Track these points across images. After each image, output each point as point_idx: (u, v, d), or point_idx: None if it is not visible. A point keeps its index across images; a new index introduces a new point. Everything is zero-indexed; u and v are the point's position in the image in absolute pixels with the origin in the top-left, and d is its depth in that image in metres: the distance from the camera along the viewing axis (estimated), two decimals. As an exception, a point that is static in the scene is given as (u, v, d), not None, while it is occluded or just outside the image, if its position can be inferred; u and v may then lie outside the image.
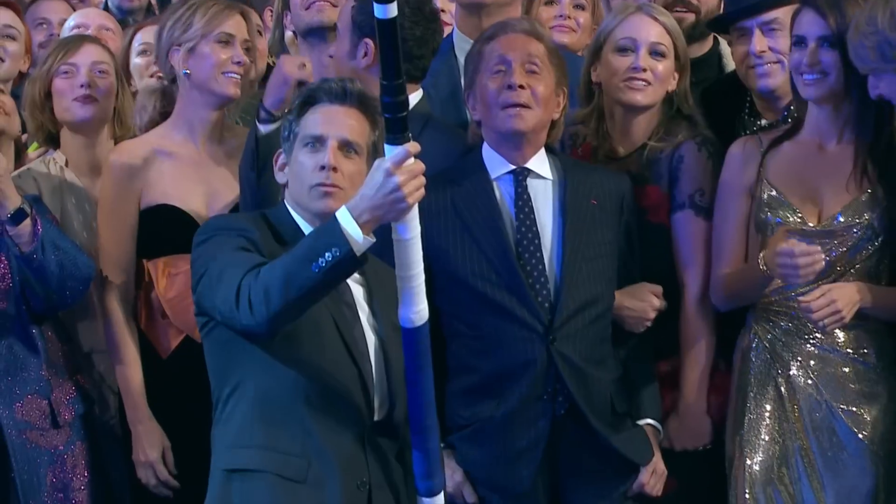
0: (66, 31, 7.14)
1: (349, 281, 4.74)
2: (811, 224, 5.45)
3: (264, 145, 5.23)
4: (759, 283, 5.42)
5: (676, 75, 5.79)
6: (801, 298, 5.26)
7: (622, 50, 5.78)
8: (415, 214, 4.43)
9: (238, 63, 5.82)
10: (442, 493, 4.88)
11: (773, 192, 5.53)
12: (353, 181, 4.58)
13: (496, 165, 5.42)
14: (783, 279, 5.29)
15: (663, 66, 5.74)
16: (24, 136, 6.59)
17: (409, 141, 4.32)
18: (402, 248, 4.45)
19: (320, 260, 4.32)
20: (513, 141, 5.36)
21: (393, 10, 4.18)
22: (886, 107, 5.36)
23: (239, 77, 5.85)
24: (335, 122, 4.70)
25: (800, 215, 5.48)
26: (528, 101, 5.28)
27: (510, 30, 5.49)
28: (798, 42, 5.40)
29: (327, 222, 4.45)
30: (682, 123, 5.81)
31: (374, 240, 4.38)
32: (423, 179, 4.38)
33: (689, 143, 5.69)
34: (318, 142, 4.67)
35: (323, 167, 4.59)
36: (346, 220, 4.34)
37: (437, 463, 4.83)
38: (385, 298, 4.81)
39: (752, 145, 5.64)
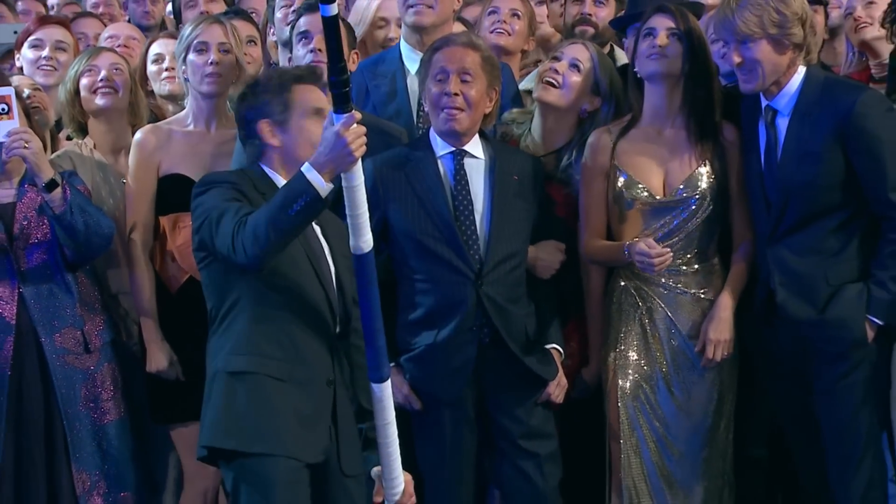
0: (102, 40, 7.39)
1: (314, 228, 5.29)
2: (658, 197, 5.89)
3: None
4: (621, 260, 5.86)
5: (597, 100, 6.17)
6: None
7: (554, 59, 6.22)
8: (359, 166, 4.90)
9: (211, 64, 6.23)
10: (389, 381, 5.17)
11: (626, 176, 5.90)
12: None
13: (440, 146, 5.87)
14: (642, 271, 5.82)
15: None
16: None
17: (352, 110, 4.83)
18: (350, 193, 4.92)
19: (295, 205, 4.89)
20: (451, 135, 5.84)
21: (334, 10, 4.71)
22: (710, 95, 5.85)
23: (215, 76, 6.26)
24: (321, 99, 5.26)
25: (648, 191, 5.89)
26: (461, 105, 5.74)
27: (451, 43, 5.89)
28: (648, 34, 5.84)
29: (294, 176, 4.97)
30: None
31: (333, 186, 4.92)
32: (364, 139, 4.88)
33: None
34: (319, 113, 5.22)
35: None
36: (310, 172, 4.90)
37: (384, 357, 5.18)
38: (336, 237, 5.33)
39: (606, 136, 5.99)
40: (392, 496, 5.31)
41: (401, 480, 5.32)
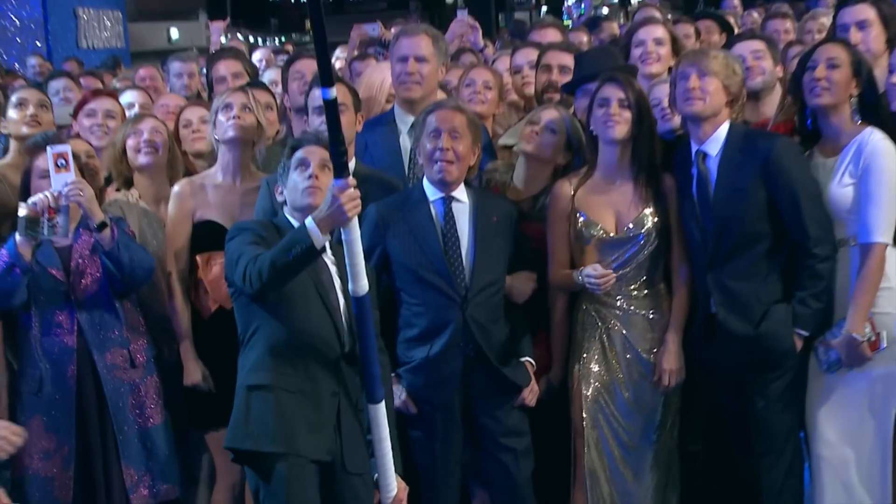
0: (157, 108, 7.38)
1: (327, 262, 5.30)
2: (611, 234, 5.77)
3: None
4: (577, 285, 5.76)
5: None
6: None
7: (533, 122, 6.13)
8: (355, 223, 4.95)
9: (234, 117, 6.13)
10: (383, 402, 5.17)
11: (585, 217, 5.80)
12: (326, 184, 5.09)
13: (432, 193, 5.77)
14: (592, 291, 5.74)
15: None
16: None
17: (348, 177, 4.90)
18: (348, 246, 4.97)
19: (293, 251, 4.97)
20: (442, 184, 5.75)
21: (333, 93, 4.77)
22: (653, 151, 5.79)
23: (237, 127, 6.13)
24: (314, 154, 5.27)
25: (603, 229, 5.77)
26: (451, 158, 5.66)
27: (443, 107, 5.81)
28: (602, 104, 5.71)
29: (299, 227, 5.07)
30: None
31: (330, 237, 5.08)
32: (358, 202, 4.92)
33: None
34: (303, 164, 5.29)
35: (309, 177, 5.22)
36: (310, 225, 4.97)
37: (378, 382, 5.16)
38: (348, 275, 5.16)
39: (567, 185, 5.88)
40: (386, 498, 5.31)
41: (394, 486, 5.32)
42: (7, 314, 5.93)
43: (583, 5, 26.55)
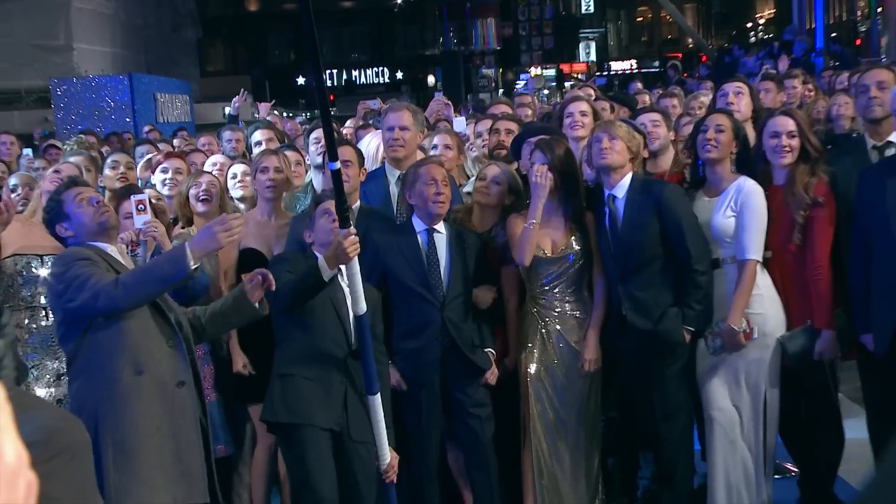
0: (209, 166, 7.26)
1: (342, 284, 5.23)
2: (549, 254, 5.74)
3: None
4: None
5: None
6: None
7: (482, 178, 6.13)
8: (355, 260, 4.93)
9: (269, 181, 6.15)
10: (379, 395, 5.12)
11: None
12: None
13: (419, 226, 5.77)
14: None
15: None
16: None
17: (349, 226, 4.91)
18: (350, 278, 5.00)
19: (307, 279, 5.05)
20: (433, 217, 5.74)
21: (338, 165, 4.79)
22: (578, 196, 5.77)
23: (272, 188, 6.17)
24: (332, 206, 5.06)
25: (543, 251, 5.72)
26: (444, 200, 5.72)
27: (430, 162, 5.87)
28: (534, 164, 5.68)
29: (312, 262, 5.10)
30: None
31: (336, 272, 5.07)
32: (357, 246, 4.89)
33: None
34: (327, 214, 5.23)
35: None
36: (321, 262, 5.01)
37: (374, 378, 5.09)
38: None
39: (520, 219, 5.75)
40: (383, 464, 5.22)
41: (388, 455, 5.22)
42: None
43: (527, 87, 26.71)
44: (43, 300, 5.69)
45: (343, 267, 5.07)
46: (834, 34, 31.63)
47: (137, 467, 4.34)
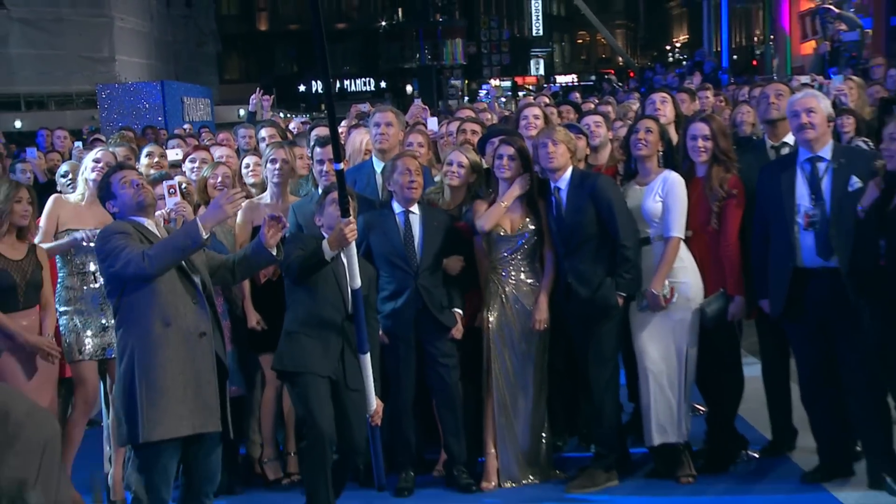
0: (223, 157, 6.98)
1: (344, 260, 5.05)
2: (508, 233, 5.65)
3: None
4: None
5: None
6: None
7: (449, 163, 5.97)
8: (353, 244, 4.94)
9: (277, 170, 5.96)
10: (368, 354, 5.07)
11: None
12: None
13: (397, 209, 5.69)
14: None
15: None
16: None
17: (350, 215, 4.90)
18: (348, 259, 4.97)
19: (312, 259, 5.00)
20: (408, 201, 5.65)
21: (342, 165, 4.83)
22: (533, 185, 5.68)
23: (279, 175, 5.98)
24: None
25: (502, 229, 5.65)
26: (418, 186, 5.65)
27: (405, 156, 5.81)
28: (499, 157, 5.65)
29: (317, 244, 5.03)
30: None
31: (336, 253, 4.99)
32: (356, 232, 4.95)
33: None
34: (334, 202, 5.03)
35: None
36: (324, 244, 4.97)
37: (364, 339, 5.03)
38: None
39: (483, 203, 5.72)
40: (370, 409, 5.12)
41: (374, 402, 5.13)
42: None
43: (489, 96, 26.65)
44: (92, 266, 5.66)
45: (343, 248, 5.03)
46: (735, 56, 31.68)
47: (164, 402, 4.37)
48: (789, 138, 5.76)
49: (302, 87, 48.20)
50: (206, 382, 4.50)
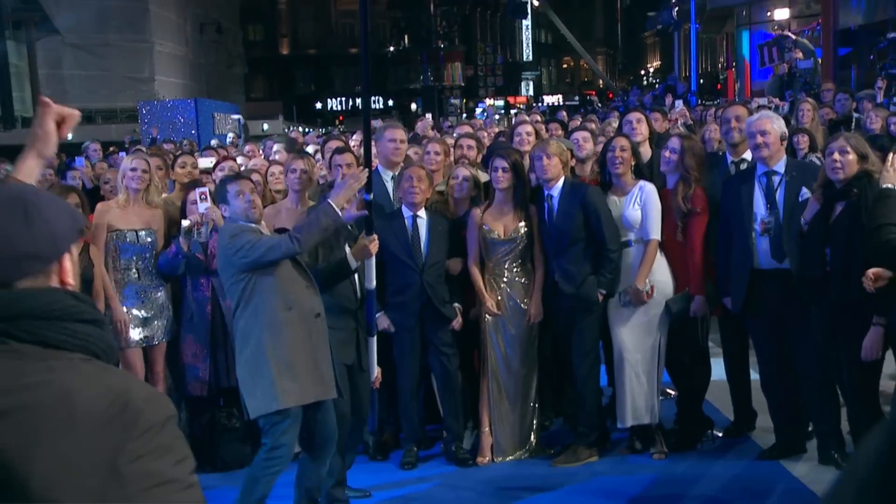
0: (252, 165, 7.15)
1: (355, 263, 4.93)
2: (502, 237, 5.60)
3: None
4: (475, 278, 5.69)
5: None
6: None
7: (454, 178, 5.94)
8: (373, 258, 4.84)
9: (297, 179, 5.70)
10: (375, 336, 5.03)
11: (487, 227, 5.61)
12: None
13: (406, 212, 5.62)
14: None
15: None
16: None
17: (373, 233, 4.79)
18: (367, 267, 4.87)
19: (340, 270, 4.90)
20: (414, 206, 5.58)
21: (370, 196, 4.71)
22: (525, 193, 5.59)
23: (298, 183, 5.71)
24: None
25: (495, 233, 5.60)
26: (420, 192, 5.57)
27: (412, 166, 5.74)
28: (495, 169, 5.57)
29: (343, 257, 4.85)
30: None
31: (358, 263, 4.83)
32: (377, 246, 4.80)
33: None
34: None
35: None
36: (349, 256, 4.84)
37: (374, 325, 5.05)
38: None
39: (478, 210, 5.66)
40: (372, 375, 5.09)
41: (374, 371, 5.10)
42: (175, 278, 5.79)
43: (485, 114, 26.60)
44: (134, 266, 5.67)
45: None
46: (702, 80, 31.62)
47: (293, 374, 4.42)
48: (748, 155, 5.74)
49: (318, 105, 48.22)
50: (323, 357, 4.54)
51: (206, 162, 7.60)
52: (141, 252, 5.70)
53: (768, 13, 26.04)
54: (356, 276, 5.05)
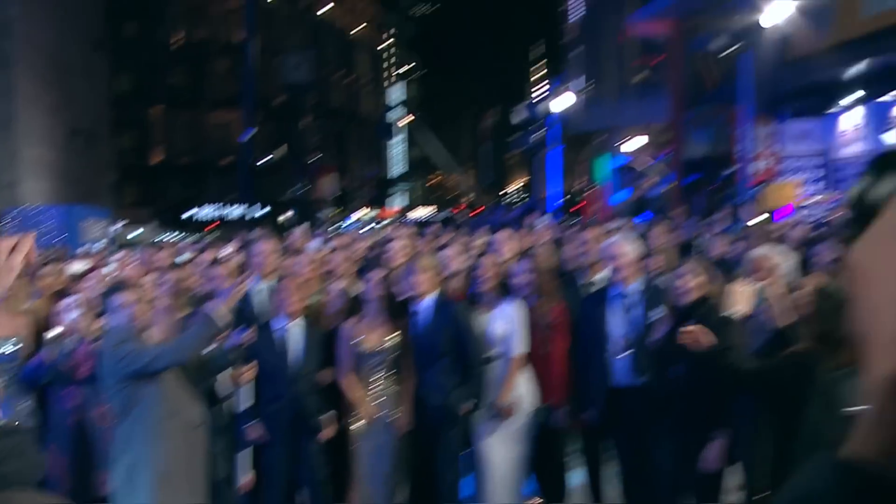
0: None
1: None
2: (372, 348, 5.46)
3: None
4: None
5: None
6: None
7: None
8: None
9: (169, 288, 5.58)
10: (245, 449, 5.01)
11: (358, 338, 5.49)
12: None
13: (279, 322, 5.52)
14: None
15: None
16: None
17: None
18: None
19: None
20: (288, 317, 5.48)
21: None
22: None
23: (172, 292, 5.55)
24: None
25: (367, 345, 5.46)
26: (294, 303, 5.52)
27: (287, 276, 5.68)
28: (368, 281, 5.51)
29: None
30: None
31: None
32: (253, 374, 5.00)
33: None
34: None
35: None
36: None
37: (244, 432, 5.05)
38: None
39: (353, 319, 5.56)
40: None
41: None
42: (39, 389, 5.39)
43: (350, 227, 26.83)
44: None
45: None
46: (567, 197, 32.88)
47: (170, 485, 4.36)
48: (603, 274, 5.90)
49: (193, 211, 47.70)
50: (200, 467, 4.49)
51: (78, 266, 7.36)
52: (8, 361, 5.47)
53: (625, 140, 27.47)
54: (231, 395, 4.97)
